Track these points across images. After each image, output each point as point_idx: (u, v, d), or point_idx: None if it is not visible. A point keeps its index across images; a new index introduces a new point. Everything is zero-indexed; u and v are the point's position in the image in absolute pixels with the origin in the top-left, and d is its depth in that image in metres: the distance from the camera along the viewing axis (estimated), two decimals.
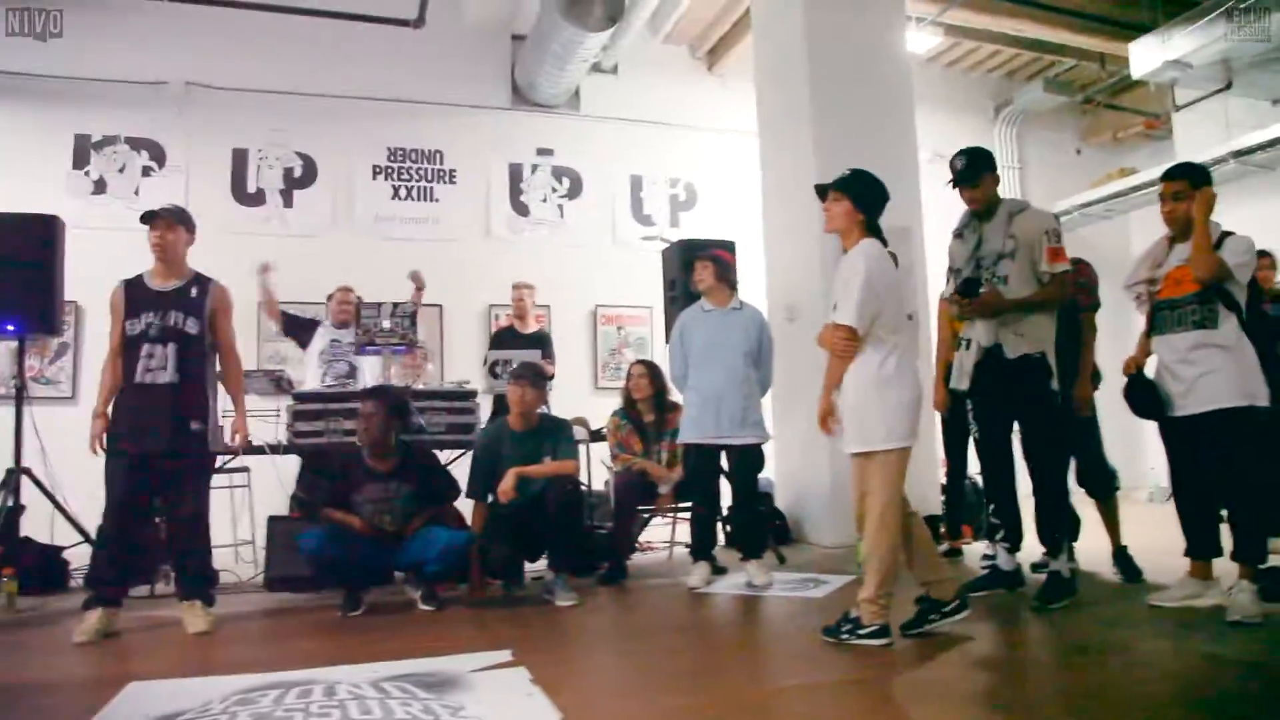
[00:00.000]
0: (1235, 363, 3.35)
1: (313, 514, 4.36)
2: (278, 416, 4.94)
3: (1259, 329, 3.51)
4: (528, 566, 4.47)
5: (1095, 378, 4.27)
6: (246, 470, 5.17)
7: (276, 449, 4.77)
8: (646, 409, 5.06)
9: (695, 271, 4.65)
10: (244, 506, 5.33)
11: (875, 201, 3.26)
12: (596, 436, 5.54)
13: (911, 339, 3.35)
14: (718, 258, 4.64)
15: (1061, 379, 3.75)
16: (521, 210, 8.43)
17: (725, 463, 4.54)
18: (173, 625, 3.71)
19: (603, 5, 6.92)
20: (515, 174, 8.46)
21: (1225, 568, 3.42)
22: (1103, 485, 4.31)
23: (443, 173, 8.22)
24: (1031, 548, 3.89)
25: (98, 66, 7.24)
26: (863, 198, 3.24)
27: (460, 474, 4.47)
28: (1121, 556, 4.24)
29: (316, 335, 5.70)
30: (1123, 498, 4.45)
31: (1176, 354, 3.47)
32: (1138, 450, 7.08)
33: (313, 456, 4.93)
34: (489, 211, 8.33)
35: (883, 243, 3.25)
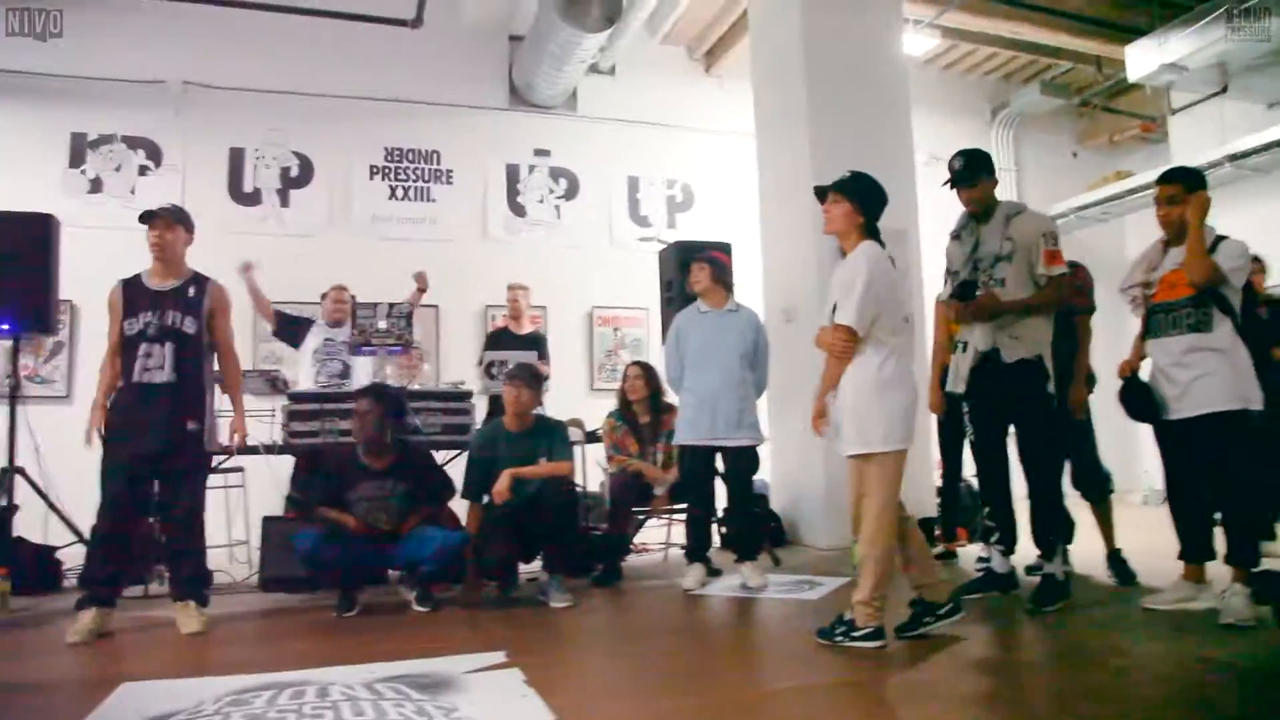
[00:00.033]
0: (1229, 366, 3.36)
1: (308, 514, 4.35)
2: (273, 417, 4.93)
3: (1253, 333, 3.52)
4: (522, 568, 4.47)
5: (1090, 381, 4.28)
6: (241, 470, 5.17)
7: (272, 449, 4.77)
8: (642, 410, 5.06)
9: (691, 273, 4.65)
10: (239, 507, 5.32)
11: (875, 204, 3.26)
12: (592, 438, 5.54)
13: (908, 342, 3.35)
14: (714, 259, 4.64)
15: (1056, 382, 3.74)
16: (518, 211, 8.42)
17: (721, 464, 4.54)
18: (166, 625, 3.70)
19: (600, 6, 6.92)
20: (512, 174, 8.46)
21: (1219, 571, 3.43)
22: (1097, 488, 4.32)
23: (440, 173, 8.21)
24: (1026, 550, 3.90)
25: (95, 65, 7.22)
26: (863, 200, 3.24)
27: (455, 475, 4.47)
28: (1115, 559, 4.25)
29: (310, 334, 5.71)
30: (1117, 500, 4.46)
31: (1171, 357, 3.48)
32: (1132, 453, 7.09)
33: (308, 457, 4.92)
34: (486, 212, 8.32)
35: (881, 245, 3.25)
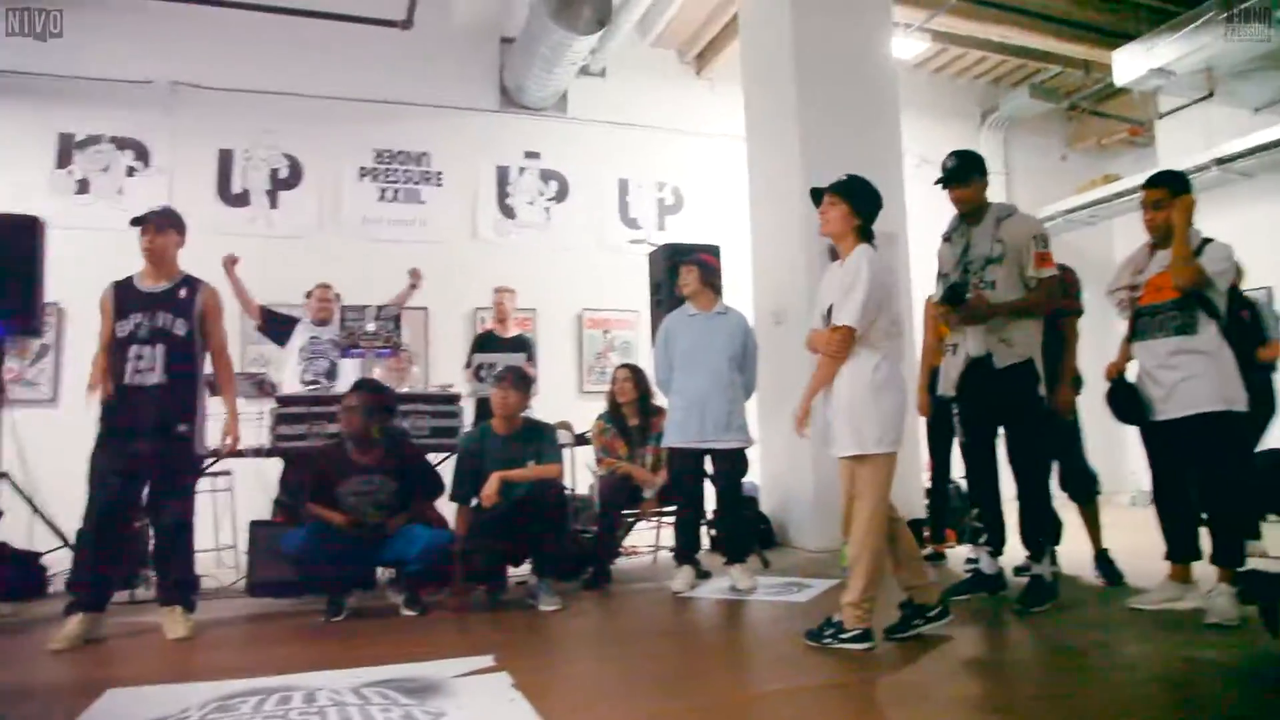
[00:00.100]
0: (1215, 368, 3.39)
1: (296, 518, 4.33)
2: (260, 419, 4.91)
3: (1237, 335, 3.55)
4: (511, 571, 4.46)
5: (1077, 383, 4.30)
6: (229, 474, 5.14)
7: (259, 452, 4.75)
8: (631, 413, 5.06)
9: (680, 276, 4.65)
10: (226, 511, 5.30)
11: (871, 207, 3.28)
12: (581, 440, 5.53)
13: (900, 345, 3.37)
14: (702, 262, 4.64)
15: (1045, 384, 3.77)
16: (508, 213, 8.41)
17: (710, 467, 4.54)
18: (152, 631, 3.68)
19: (591, 8, 6.92)
20: (502, 176, 8.44)
21: (1205, 571, 3.45)
22: (1084, 489, 4.34)
23: (430, 175, 8.18)
24: (1014, 551, 3.91)
25: (83, 65, 7.17)
26: (859, 202, 3.25)
27: (444, 478, 4.45)
28: (1103, 560, 4.27)
29: (296, 332, 5.69)
30: (1104, 501, 4.49)
31: (1157, 359, 3.51)
32: (1120, 454, 7.13)
33: (296, 461, 4.90)
34: (476, 214, 8.30)
35: (874, 248, 3.26)
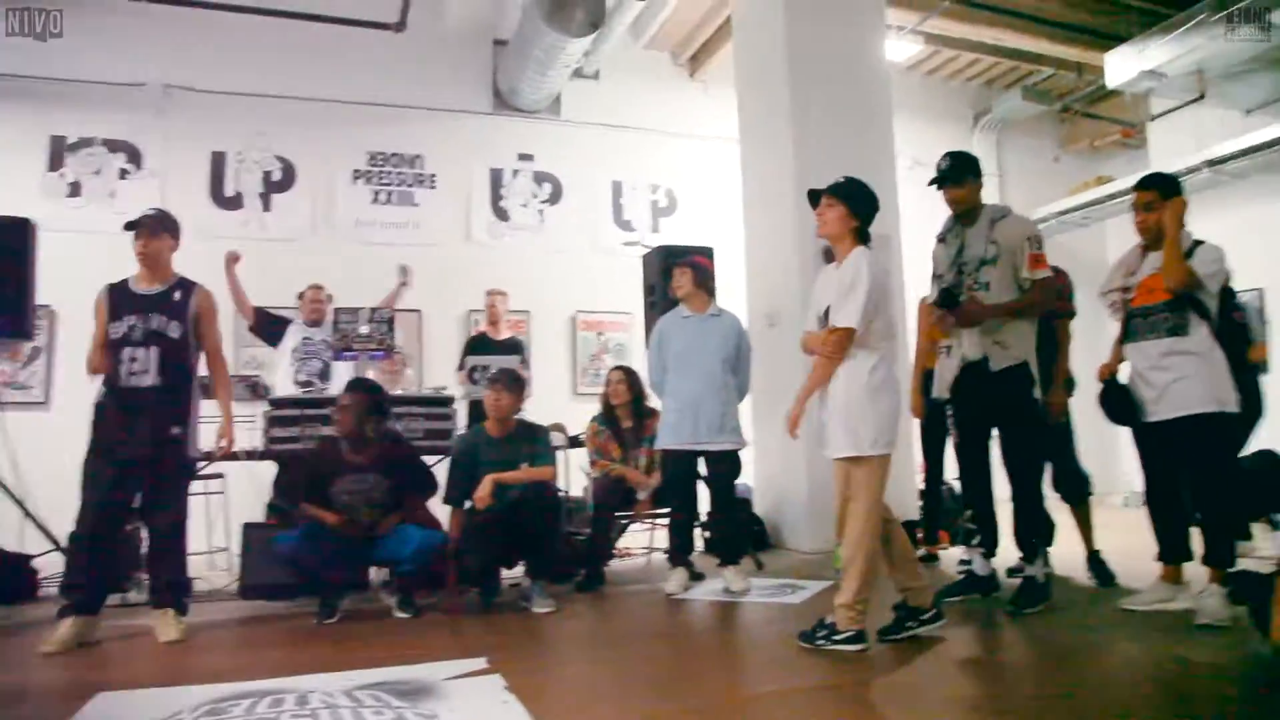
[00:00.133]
0: (1206, 369, 3.40)
1: (290, 521, 4.32)
2: (253, 422, 4.89)
3: (1229, 336, 3.56)
4: (504, 573, 4.45)
5: (1069, 384, 4.31)
6: (222, 477, 5.12)
7: (252, 455, 4.73)
8: (625, 415, 5.06)
9: (673, 278, 4.65)
10: (219, 513, 5.28)
11: (869, 209, 3.29)
12: (575, 442, 5.53)
13: (894, 347, 3.37)
14: (696, 264, 4.64)
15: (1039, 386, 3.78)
16: (502, 215, 8.40)
17: (703, 469, 4.54)
18: (144, 634, 3.66)
19: (585, 11, 6.92)
20: (496, 179, 8.43)
21: (1197, 572, 3.46)
22: (1077, 490, 4.35)
23: (423, 177, 8.18)
24: (1007, 552, 3.92)
25: (75, 67, 7.15)
26: (857, 204, 3.26)
27: (438, 477, 4.44)
28: (1095, 561, 4.29)
29: (289, 333, 5.68)
30: (1097, 502, 4.50)
31: (1149, 361, 3.52)
32: (1113, 456, 7.13)
33: (289, 462, 4.88)
34: (469, 216, 8.30)
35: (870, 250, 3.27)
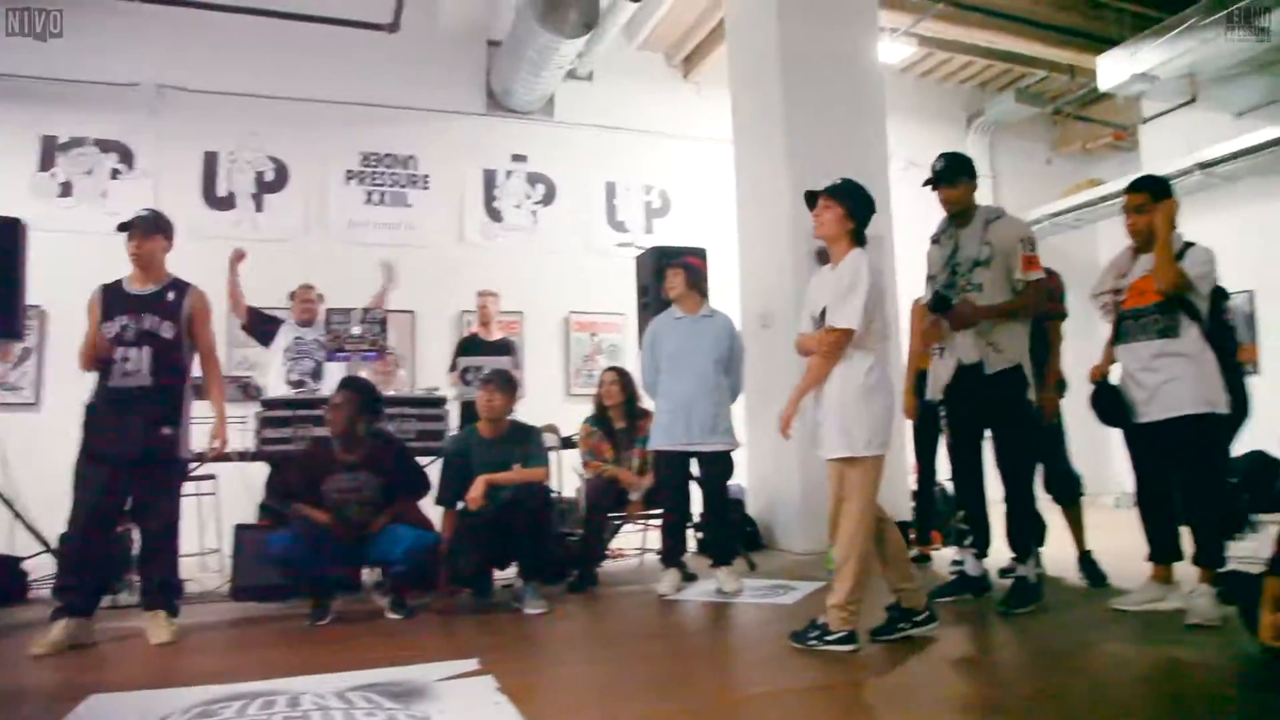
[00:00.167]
0: (1197, 371, 3.42)
1: (282, 522, 4.30)
2: (244, 423, 4.88)
3: (1219, 337, 3.58)
4: (497, 574, 4.45)
5: (1061, 386, 4.32)
6: (214, 478, 5.11)
7: (244, 456, 4.72)
8: (618, 416, 5.05)
9: (666, 279, 4.65)
10: (211, 514, 5.27)
11: (865, 210, 3.30)
12: (567, 443, 5.53)
13: (889, 348, 3.38)
14: (689, 265, 4.65)
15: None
16: (495, 216, 8.40)
17: (696, 469, 4.54)
18: (136, 636, 3.64)
19: (578, 12, 6.92)
20: (489, 180, 8.42)
21: (1187, 572, 3.48)
22: (1068, 491, 4.36)
23: (416, 178, 8.17)
24: (999, 553, 3.93)
25: (66, 68, 7.11)
26: (855, 206, 3.27)
27: (430, 478, 4.44)
28: (1086, 561, 4.30)
29: (280, 333, 5.66)
30: (1089, 503, 4.52)
31: (1140, 362, 3.53)
32: (1105, 456, 7.15)
33: (281, 463, 4.87)
34: (463, 217, 8.29)
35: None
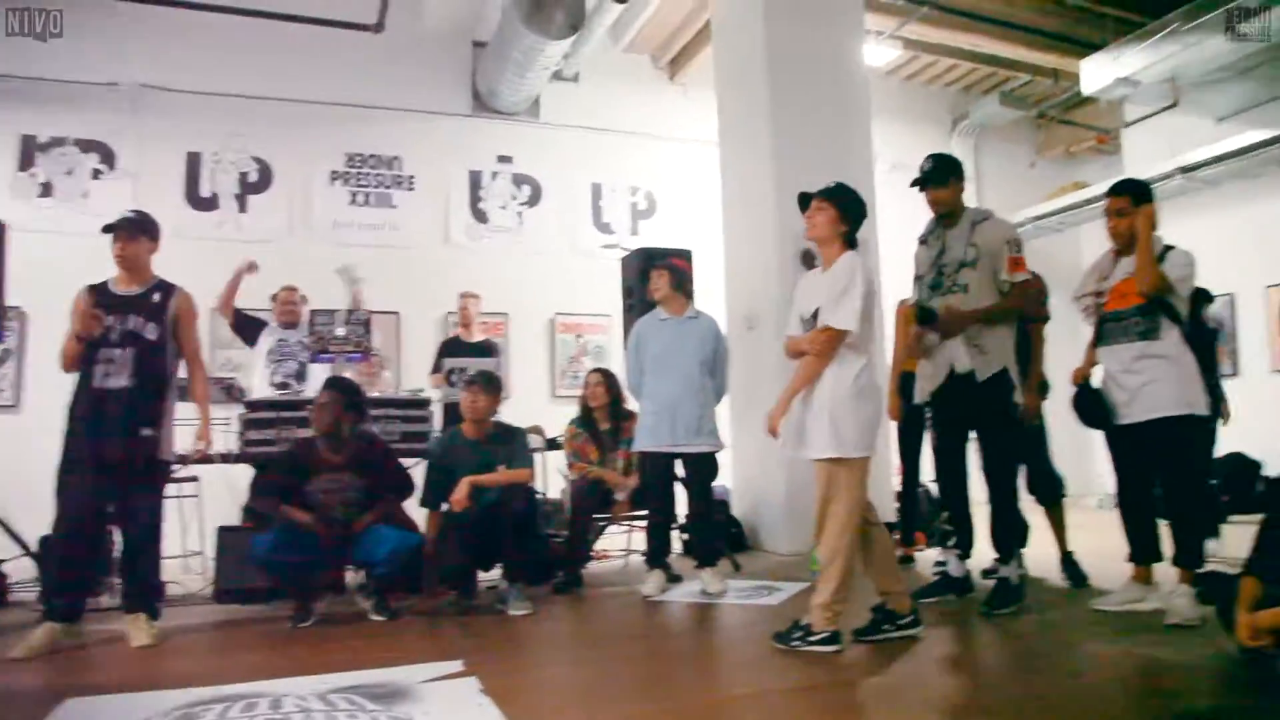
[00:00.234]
0: (1177, 373, 3.45)
1: (265, 525, 4.28)
2: (228, 425, 4.85)
3: (1199, 339, 3.61)
4: (481, 575, 4.43)
5: (1043, 388, 4.35)
6: (196, 480, 5.07)
7: (227, 458, 4.69)
8: (603, 417, 5.05)
9: (651, 280, 4.65)
10: (193, 517, 5.22)
11: (858, 214, 3.31)
12: (553, 445, 5.53)
13: (877, 350, 3.39)
14: (674, 266, 4.65)
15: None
16: (481, 217, 8.38)
17: (681, 471, 4.55)
18: (116, 639, 3.61)
19: (564, 13, 6.91)
20: (475, 181, 8.40)
21: (1167, 572, 3.50)
22: (1050, 492, 4.39)
23: (401, 179, 8.14)
24: (982, 554, 3.95)
25: (46, 66, 7.02)
26: (848, 209, 3.28)
27: (414, 479, 4.42)
28: (1068, 562, 4.33)
29: (264, 335, 5.64)
30: (1072, 504, 4.55)
31: (1121, 364, 3.56)
32: (1087, 458, 7.22)
33: (266, 466, 4.84)
34: (448, 218, 8.26)
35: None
